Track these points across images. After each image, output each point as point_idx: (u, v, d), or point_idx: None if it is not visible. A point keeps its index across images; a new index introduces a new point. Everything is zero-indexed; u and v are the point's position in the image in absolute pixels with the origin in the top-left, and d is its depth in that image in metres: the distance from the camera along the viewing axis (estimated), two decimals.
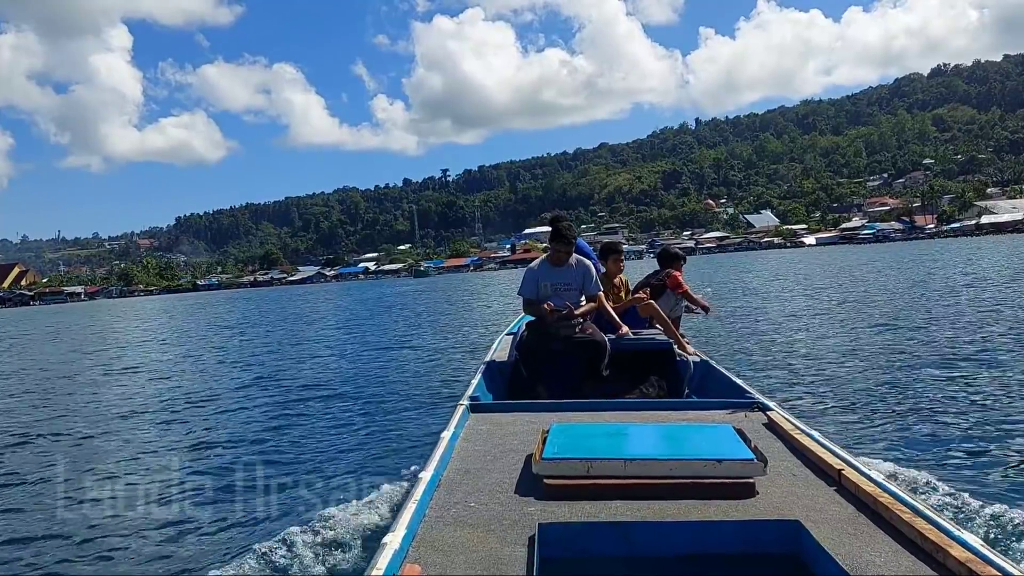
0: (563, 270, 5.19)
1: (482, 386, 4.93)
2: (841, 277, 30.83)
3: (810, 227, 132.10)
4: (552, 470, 2.81)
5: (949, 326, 12.91)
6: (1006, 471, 5.12)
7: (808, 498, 2.72)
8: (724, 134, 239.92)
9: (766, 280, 33.98)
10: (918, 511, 2.41)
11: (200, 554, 4.51)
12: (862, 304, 18.35)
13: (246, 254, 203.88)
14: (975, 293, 18.92)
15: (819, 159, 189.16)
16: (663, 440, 3.16)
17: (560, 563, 2.34)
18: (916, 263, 38.12)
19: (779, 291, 26.04)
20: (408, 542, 2.33)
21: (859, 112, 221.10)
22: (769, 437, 3.53)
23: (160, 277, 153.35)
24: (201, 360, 16.81)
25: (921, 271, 30.78)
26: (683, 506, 2.64)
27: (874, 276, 29.89)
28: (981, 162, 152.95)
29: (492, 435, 3.62)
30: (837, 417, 7.04)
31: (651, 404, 4.38)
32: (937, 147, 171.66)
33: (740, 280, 35.03)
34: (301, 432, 7.96)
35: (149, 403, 10.85)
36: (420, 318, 25.72)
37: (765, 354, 11.33)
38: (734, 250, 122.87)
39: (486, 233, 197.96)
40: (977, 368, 8.98)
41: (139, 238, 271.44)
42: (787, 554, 2.37)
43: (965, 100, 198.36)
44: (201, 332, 26.42)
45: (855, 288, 24.13)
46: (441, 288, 54.91)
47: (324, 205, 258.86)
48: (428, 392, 9.94)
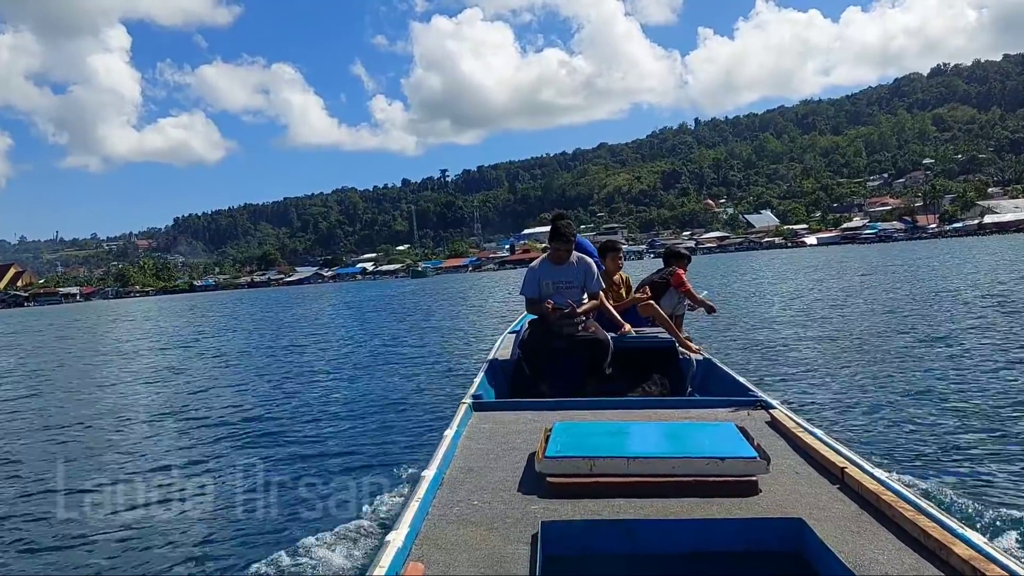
0: (564, 268, 5.20)
1: (485, 384, 4.92)
2: (846, 277, 30.69)
3: (811, 227, 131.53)
4: (555, 468, 2.80)
5: (953, 325, 12.92)
6: (1010, 469, 5.12)
7: (811, 496, 2.72)
8: (723, 134, 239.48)
9: (769, 280, 33.87)
10: (921, 509, 2.41)
11: (204, 553, 4.51)
12: (865, 303, 18.38)
13: (244, 255, 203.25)
14: (978, 293, 18.92)
15: (819, 159, 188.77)
16: (666, 438, 3.16)
17: (563, 561, 2.34)
18: (920, 263, 37.89)
19: (783, 291, 26.01)
20: (411, 540, 2.32)
21: (859, 112, 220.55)
22: (772, 435, 3.53)
23: (156, 278, 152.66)
24: (201, 362, 16.77)
25: (925, 271, 30.64)
26: (686, 504, 2.64)
27: (879, 276, 29.74)
28: (982, 162, 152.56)
29: (495, 433, 3.62)
30: (840, 415, 7.05)
31: (654, 402, 4.37)
32: (937, 147, 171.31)
33: (743, 280, 34.93)
34: (303, 431, 7.97)
35: (147, 406, 10.78)
36: (417, 318, 25.67)
37: (768, 352, 11.34)
38: (735, 250, 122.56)
39: (485, 233, 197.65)
40: (981, 367, 8.98)
41: (137, 239, 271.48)
42: (790, 552, 2.37)
43: (965, 100, 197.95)
44: (198, 334, 26.31)
45: (859, 288, 24.11)
46: (432, 290, 53.73)
47: (323, 205, 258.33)
48: (431, 391, 9.95)
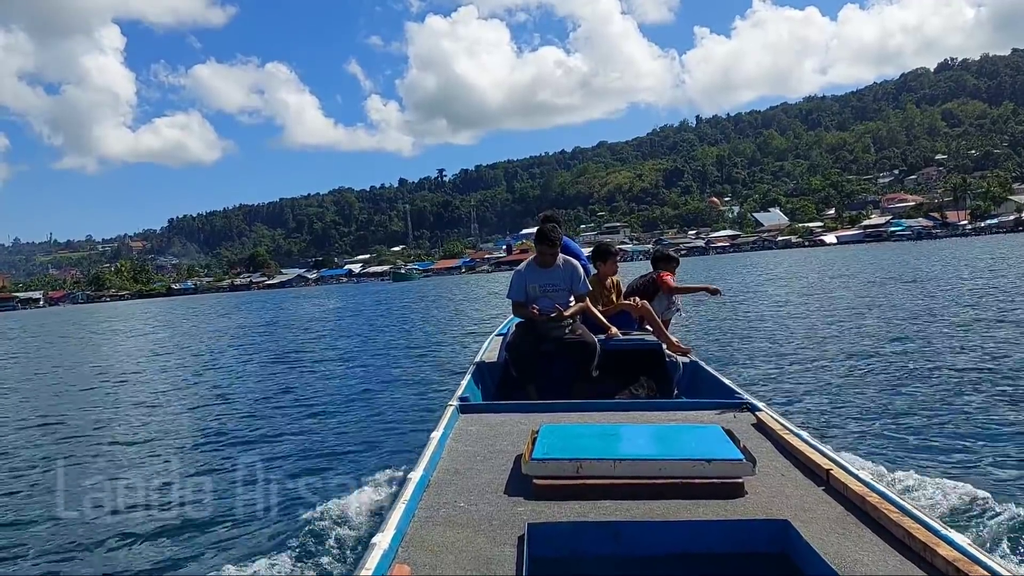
0: (550, 271, 5.18)
1: (472, 387, 4.92)
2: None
3: (826, 225, 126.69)
4: (542, 470, 2.81)
5: (943, 326, 12.92)
6: (994, 471, 5.15)
7: (797, 498, 2.73)
8: (726, 131, 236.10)
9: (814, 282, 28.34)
10: (906, 510, 2.42)
11: (189, 555, 4.48)
12: (853, 305, 18.36)
13: (238, 256, 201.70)
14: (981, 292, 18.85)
15: (825, 156, 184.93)
16: (652, 440, 3.17)
17: (550, 563, 2.34)
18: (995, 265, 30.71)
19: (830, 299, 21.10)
20: (397, 542, 2.33)
21: (864, 108, 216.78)
22: (758, 437, 3.54)
23: (134, 281, 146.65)
24: (179, 369, 15.98)
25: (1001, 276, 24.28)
26: (672, 506, 2.64)
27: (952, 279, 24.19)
28: (997, 157, 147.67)
29: (482, 436, 3.62)
30: (825, 417, 7.04)
31: (640, 404, 4.38)
32: (949, 142, 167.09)
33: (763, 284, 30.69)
34: (289, 434, 7.90)
35: (127, 412, 10.39)
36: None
37: (755, 354, 11.34)
38: (749, 249, 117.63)
39: (483, 233, 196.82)
40: (965, 368, 8.98)
41: (132, 240, 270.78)
42: (776, 553, 2.38)
43: (975, 95, 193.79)
44: (169, 341, 25.18)
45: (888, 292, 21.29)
46: (395, 299, 44.25)
47: (319, 206, 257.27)
48: (417, 393, 9.89)
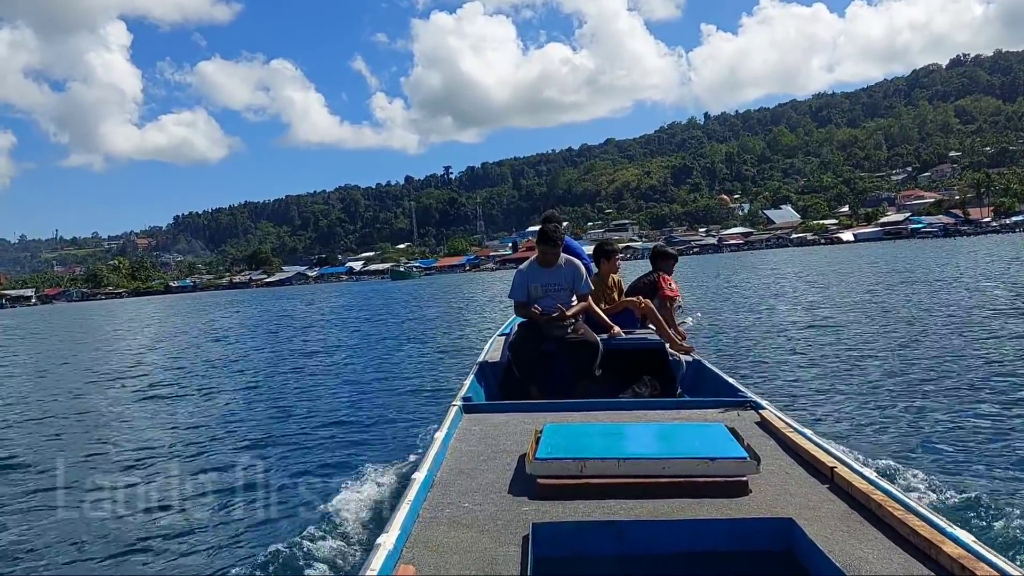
0: (552, 271, 5.18)
1: (475, 387, 4.93)
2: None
3: (840, 222, 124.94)
4: (545, 470, 2.81)
5: (945, 325, 12.86)
6: (999, 469, 5.12)
7: (801, 496, 2.73)
8: (734, 128, 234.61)
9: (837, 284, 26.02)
10: (911, 508, 2.42)
11: (192, 556, 4.49)
12: (863, 303, 18.29)
13: (244, 253, 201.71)
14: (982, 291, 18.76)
15: (836, 152, 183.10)
16: (656, 439, 3.17)
17: (554, 562, 2.35)
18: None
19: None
20: (402, 542, 2.33)
21: (875, 105, 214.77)
22: (762, 435, 3.54)
23: (132, 278, 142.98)
24: (182, 368, 15.75)
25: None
26: (676, 505, 2.65)
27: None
28: (1014, 154, 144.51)
29: (485, 435, 3.63)
30: (829, 415, 7.02)
31: (644, 403, 4.38)
32: (963, 139, 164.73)
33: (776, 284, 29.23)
34: (292, 434, 7.90)
35: (133, 412, 10.36)
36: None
37: (760, 352, 11.30)
38: (764, 247, 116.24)
39: (489, 231, 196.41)
40: (970, 366, 8.93)
41: (138, 237, 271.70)
42: (780, 552, 2.38)
43: (988, 91, 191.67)
44: (177, 338, 25.24)
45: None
46: (379, 301, 41.61)
47: (324, 203, 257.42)
48: (421, 393, 9.88)
